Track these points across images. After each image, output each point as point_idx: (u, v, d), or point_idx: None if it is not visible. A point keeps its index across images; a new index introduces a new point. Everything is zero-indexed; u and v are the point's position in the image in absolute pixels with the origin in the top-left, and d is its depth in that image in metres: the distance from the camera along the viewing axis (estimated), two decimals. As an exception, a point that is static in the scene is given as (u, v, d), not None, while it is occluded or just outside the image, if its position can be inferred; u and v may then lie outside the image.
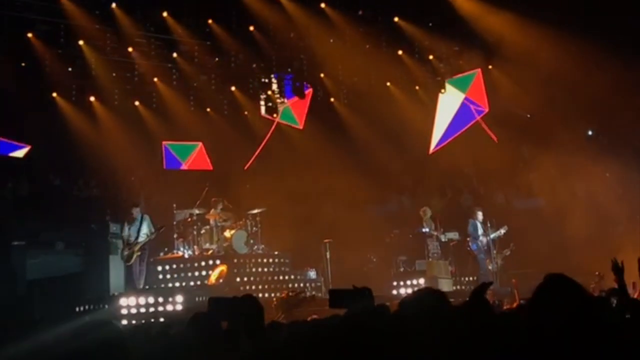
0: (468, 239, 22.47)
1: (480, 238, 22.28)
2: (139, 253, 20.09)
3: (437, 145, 25.28)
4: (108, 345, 3.99)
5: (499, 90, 24.98)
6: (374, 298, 6.82)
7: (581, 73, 21.41)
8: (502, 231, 22.44)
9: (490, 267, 22.12)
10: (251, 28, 23.51)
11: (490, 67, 25.26)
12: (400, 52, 25.07)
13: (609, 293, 10.53)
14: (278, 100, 25.22)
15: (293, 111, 26.11)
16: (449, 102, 25.46)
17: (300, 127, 26.19)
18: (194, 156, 25.80)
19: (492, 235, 22.28)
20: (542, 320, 3.89)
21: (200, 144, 25.87)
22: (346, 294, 6.88)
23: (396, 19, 24.28)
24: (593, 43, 20.75)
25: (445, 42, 24.85)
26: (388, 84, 26.24)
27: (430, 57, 25.60)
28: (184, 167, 25.65)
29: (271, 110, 25.38)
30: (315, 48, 24.16)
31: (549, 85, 22.95)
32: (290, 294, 19.94)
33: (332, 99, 26.15)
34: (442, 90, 25.63)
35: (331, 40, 24.34)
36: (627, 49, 21.58)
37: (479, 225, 22.42)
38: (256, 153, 26.07)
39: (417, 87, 26.26)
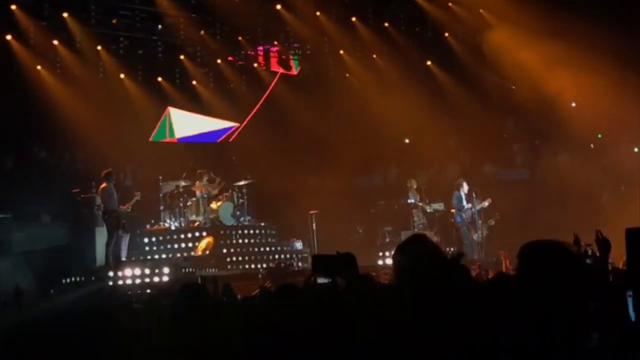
0: (452, 210, 22.55)
1: (465, 209, 22.37)
2: (124, 221, 20.06)
3: None
4: (101, 314, 4.05)
5: (486, 62, 24.96)
6: (357, 264, 6.88)
7: (565, 38, 21.49)
8: (486, 203, 22.51)
9: (475, 238, 22.28)
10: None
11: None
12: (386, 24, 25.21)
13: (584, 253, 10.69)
14: None
15: None
16: None
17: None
18: None
19: (477, 207, 22.38)
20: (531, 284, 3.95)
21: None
22: (329, 260, 6.94)
23: None
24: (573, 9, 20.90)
25: None
26: (374, 56, 26.32)
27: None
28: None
29: None
30: (301, 21, 24.19)
31: (533, 54, 23.02)
32: (282, 265, 20.14)
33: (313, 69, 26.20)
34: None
35: (317, 13, 24.35)
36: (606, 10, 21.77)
37: (463, 196, 22.50)
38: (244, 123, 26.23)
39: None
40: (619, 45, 21.48)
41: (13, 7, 21.19)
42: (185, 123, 26.01)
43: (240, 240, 22.38)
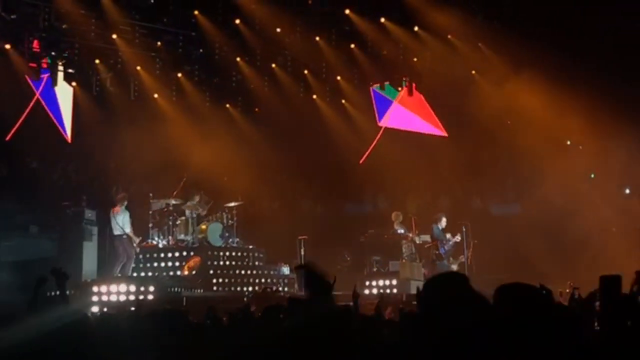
0: (436, 242, 22.50)
1: (447, 241, 22.40)
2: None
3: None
4: (75, 333, 3.98)
5: (478, 94, 24.93)
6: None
7: (561, 81, 21.55)
8: (458, 238, 22.55)
9: (454, 267, 22.29)
10: (237, 21, 23.46)
11: (473, 72, 25.30)
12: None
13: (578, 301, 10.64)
14: None
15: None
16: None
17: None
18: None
19: (449, 243, 22.41)
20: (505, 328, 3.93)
21: None
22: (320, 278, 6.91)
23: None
24: (571, 48, 20.95)
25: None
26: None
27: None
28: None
29: None
30: (300, 44, 24.16)
31: (529, 93, 23.04)
32: (268, 289, 20.07)
33: (314, 96, 26.14)
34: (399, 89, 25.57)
35: (317, 38, 24.32)
36: (601, 58, 21.84)
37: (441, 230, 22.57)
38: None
39: (399, 89, 26.17)
40: (614, 90, 21.63)
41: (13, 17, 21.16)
42: (64, 95, 23.34)
43: (227, 262, 22.32)
